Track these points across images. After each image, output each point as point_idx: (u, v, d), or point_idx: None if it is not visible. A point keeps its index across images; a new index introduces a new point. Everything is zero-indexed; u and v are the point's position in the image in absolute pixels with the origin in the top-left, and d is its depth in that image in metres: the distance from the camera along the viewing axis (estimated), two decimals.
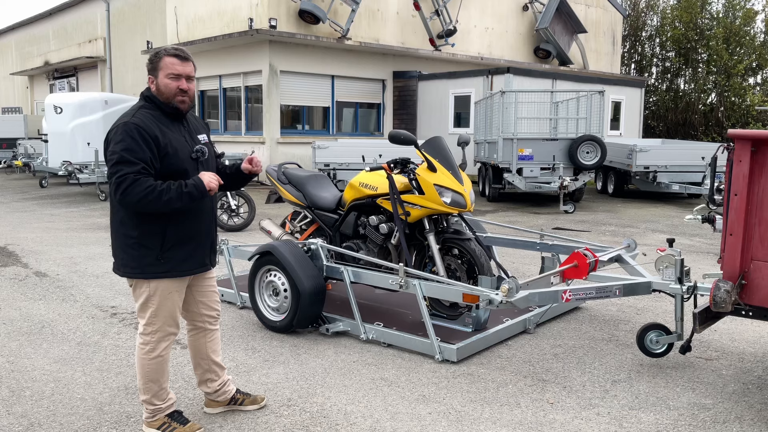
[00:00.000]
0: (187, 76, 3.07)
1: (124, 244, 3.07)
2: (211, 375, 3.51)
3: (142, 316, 3.18)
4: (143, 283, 3.11)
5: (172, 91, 3.04)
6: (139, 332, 3.22)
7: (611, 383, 3.98)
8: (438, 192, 4.68)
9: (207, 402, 3.58)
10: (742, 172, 3.21)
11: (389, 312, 5.21)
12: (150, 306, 3.13)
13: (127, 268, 3.09)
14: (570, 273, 4.59)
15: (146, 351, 3.18)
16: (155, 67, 3.05)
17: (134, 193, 2.88)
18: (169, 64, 3.02)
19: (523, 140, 12.63)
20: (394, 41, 18.72)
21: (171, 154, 3.01)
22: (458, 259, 4.85)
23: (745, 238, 3.27)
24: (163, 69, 3.02)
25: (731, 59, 25.93)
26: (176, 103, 3.06)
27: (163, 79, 3.03)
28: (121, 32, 24.02)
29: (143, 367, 3.21)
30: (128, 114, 3.03)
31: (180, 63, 3.04)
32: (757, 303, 3.32)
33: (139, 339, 3.21)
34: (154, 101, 3.08)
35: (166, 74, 3.02)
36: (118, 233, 3.10)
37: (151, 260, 3.05)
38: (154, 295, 3.11)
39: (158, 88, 3.05)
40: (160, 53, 3.07)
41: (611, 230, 10.07)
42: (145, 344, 3.19)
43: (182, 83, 3.05)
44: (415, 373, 4.11)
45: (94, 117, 15.87)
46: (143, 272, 3.07)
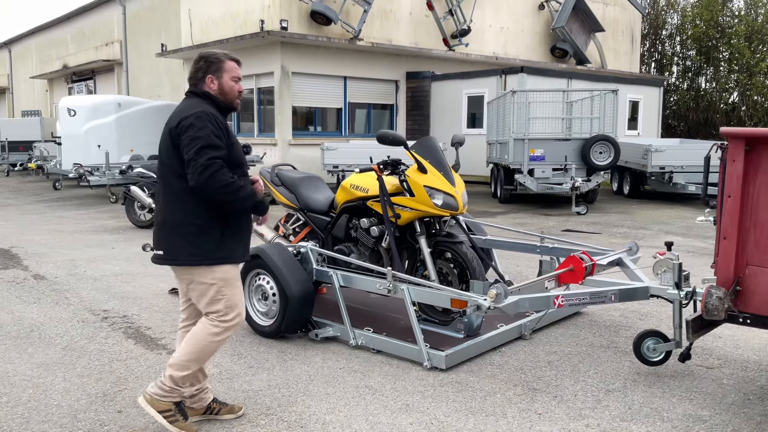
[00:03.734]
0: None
1: (186, 232, 3.12)
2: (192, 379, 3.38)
3: (212, 310, 3.22)
4: (207, 275, 3.16)
5: (235, 93, 3.28)
6: (212, 317, 3.22)
7: (605, 393, 3.82)
8: (428, 194, 4.55)
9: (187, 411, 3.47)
10: (735, 173, 3.04)
11: (381, 317, 5.09)
12: (221, 298, 3.20)
13: (188, 257, 3.14)
14: (566, 277, 4.43)
15: (213, 333, 3.22)
16: (219, 68, 3.23)
17: (219, 180, 3.03)
18: (233, 67, 3.26)
19: (535, 140, 12.42)
20: (407, 42, 18.58)
21: (234, 145, 3.22)
22: (450, 263, 4.71)
23: (740, 242, 3.10)
24: (227, 71, 3.24)
25: (753, 57, 25.41)
26: (235, 103, 3.31)
27: (228, 81, 3.24)
28: (137, 35, 24.19)
29: (198, 343, 3.21)
30: (192, 107, 3.14)
31: (239, 68, 3.31)
32: (753, 310, 3.14)
33: (207, 322, 3.23)
34: (211, 99, 3.23)
35: (231, 77, 3.25)
36: (180, 222, 3.14)
37: (211, 247, 3.15)
38: (224, 286, 3.19)
39: (221, 89, 3.24)
40: (219, 56, 3.26)
41: (623, 232, 9.84)
42: (215, 327, 3.22)
43: (240, 86, 3.32)
44: (402, 381, 3.98)
45: (108, 120, 15.97)
46: (206, 258, 3.14)
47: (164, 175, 3.20)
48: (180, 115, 3.13)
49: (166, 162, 3.18)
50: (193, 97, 3.24)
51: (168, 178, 3.17)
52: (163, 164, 3.21)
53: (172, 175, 3.14)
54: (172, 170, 3.14)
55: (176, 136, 3.10)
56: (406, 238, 4.84)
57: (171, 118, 3.17)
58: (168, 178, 3.17)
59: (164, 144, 3.18)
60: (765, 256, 3.05)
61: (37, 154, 18.84)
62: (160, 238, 3.22)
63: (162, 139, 3.21)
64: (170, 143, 3.13)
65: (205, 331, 3.22)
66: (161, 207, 3.23)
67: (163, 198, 3.22)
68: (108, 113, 16.02)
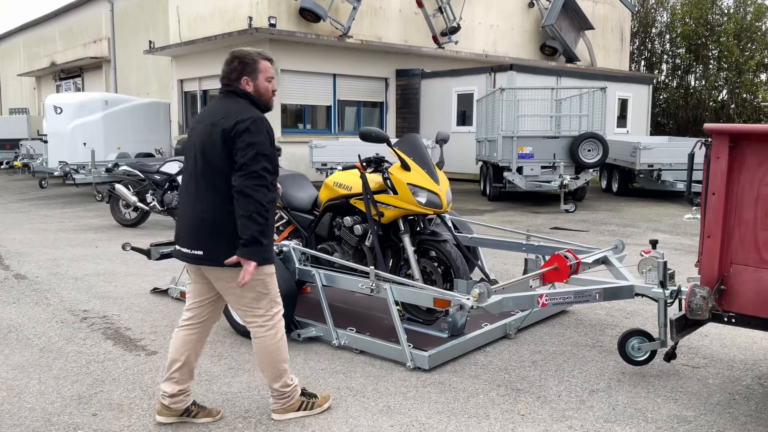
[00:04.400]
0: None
1: (232, 235, 3.07)
2: (180, 376, 3.35)
3: (257, 306, 3.23)
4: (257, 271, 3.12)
5: (269, 93, 3.27)
6: (260, 323, 3.25)
7: (589, 393, 3.77)
8: (412, 191, 4.49)
9: (160, 408, 3.39)
10: (719, 170, 2.99)
11: (365, 316, 5.03)
12: (266, 293, 3.22)
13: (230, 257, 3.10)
14: (550, 276, 4.38)
15: (273, 335, 3.26)
16: (254, 69, 3.20)
17: (263, 195, 3.04)
18: (267, 67, 3.23)
19: (523, 138, 12.39)
20: (396, 39, 18.51)
21: (275, 152, 3.20)
22: (434, 262, 4.65)
23: (724, 240, 3.05)
24: (263, 72, 3.21)
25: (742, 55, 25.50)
26: (270, 103, 3.30)
27: (263, 81, 3.22)
28: (125, 32, 23.99)
29: (275, 353, 3.27)
30: (244, 110, 3.11)
31: (272, 67, 3.28)
32: (737, 309, 3.10)
33: (261, 330, 3.26)
34: (252, 100, 3.21)
35: (266, 77, 3.23)
36: (226, 224, 3.09)
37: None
38: (267, 281, 3.21)
39: (258, 90, 3.22)
40: (253, 56, 3.22)
41: (611, 230, 9.82)
42: (270, 329, 3.26)
43: (274, 85, 3.29)
44: (384, 382, 3.92)
45: (94, 117, 15.82)
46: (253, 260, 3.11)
47: (207, 174, 3.12)
48: (235, 117, 3.08)
49: (212, 162, 3.11)
50: (235, 97, 3.21)
51: (211, 178, 3.11)
52: (207, 164, 3.12)
53: (218, 175, 3.09)
54: (219, 170, 3.09)
55: (230, 139, 3.06)
56: (390, 236, 4.77)
57: (221, 119, 3.10)
58: (211, 178, 3.11)
59: (211, 143, 3.10)
60: (750, 254, 3.01)
61: (23, 152, 18.64)
62: (199, 239, 3.15)
63: (206, 137, 3.13)
64: (222, 144, 3.07)
65: (268, 341, 3.26)
66: (201, 207, 3.14)
67: (203, 198, 3.14)
68: (95, 111, 15.87)
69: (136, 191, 9.65)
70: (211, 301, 3.40)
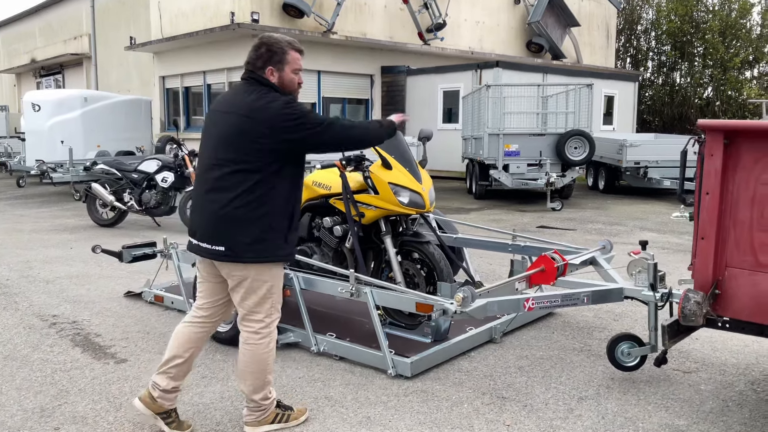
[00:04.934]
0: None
1: (256, 229, 2.96)
2: (178, 372, 3.21)
3: (257, 311, 3.09)
4: (265, 273, 3.03)
5: (294, 85, 3.10)
6: (256, 329, 3.10)
7: (577, 401, 3.62)
8: (393, 191, 4.31)
9: (144, 396, 3.20)
10: (714, 168, 2.84)
11: (346, 320, 4.85)
12: (270, 296, 3.09)
13: (253, 254, 2.98)
14: (537, 278, 4.22)
15: (266, 344, 3.12)
16: (281, 59, 3.03)
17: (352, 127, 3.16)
18: (296, 59, 3.06)
19: (510, 135, 12.25)
20: (381, 35, 18.32)
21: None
22: (417, 264, 4.48)
23: (719, 242, 2.90)
24: (290, 63, 3.04)
25: (727, 52, 25.55)
26: (295, 96, 3.11)
27: (289, 73, 3.06)
28: (105, 28, 23.60)
29: (263, 363, 3.12)
30: (266, 97, 2.97)
31: (301, 58, 3.11)
32: (732, 315, 2.95)
33: (255, 337, 3.11)
34: (274, 89, 3.04)
35: (292, 69, 3.06)
36: (248, 219, 2.96)
37: (280, 243, 3.03)
38: (275, 284, 3.10)
39: (282, 81, 3.05)
40: (282, 45, 3.04)
41: (598, 228, 9.70)
42: (264, 338, 3.11)
43: (300, 78, 3.13)
44: (364, 391, 3.74)
45: (73, 115, 15.48)
46: (274, 255, 3.02)
47: (232, 168, 2.97)
48: (271, 108, 2.94)
49: (240, 153, 2.96)
50: (259, 86, 3.03)
51: (238, 170, 2.95)
52: (235, 154, 2.97)
53: (246, 168, 2.94)
54: (248, 162, 2.95)
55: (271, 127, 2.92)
56: (371, 237, 4.59)
57: (251, 112, 2.95)
58: (238, 170, 2.95)
59: (239, 138, 2.96)
60: (745, 257, 2.86)
61: (0, 150, 18.27)
62: (221, 234, 2.99)
63: (232, 132, 2.98)
64: (256, 138, 2.93)
65: (258, 349, 3.11)
66: (222, 200, 2.98)
67: (227, 189, 2.97)
68: (73, 108, 15.53)
69: (113, 190, 9.41)
70: (226, 301, 3.26)
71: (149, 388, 3.22)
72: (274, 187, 2.98)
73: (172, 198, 9.28)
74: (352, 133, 3.18)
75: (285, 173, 3.02)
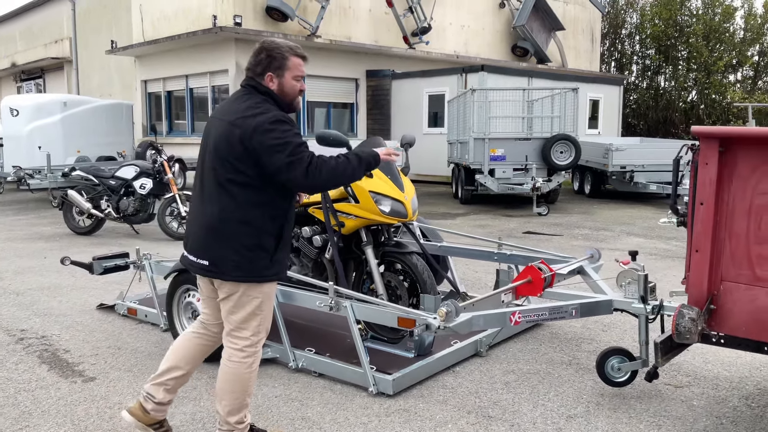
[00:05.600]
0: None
1: (241, 247, 2.84)
2: (176, 384, 3.13)
3: (244, 327, 2.94)
4: (255, 290, 2.91)
5: (295, 93, 2.98)
6: (241, 346, 2.95)
7: (566, 419, 3.46)
8: (374, 200, 4.14)
9: (135, 409, 3.10)
10: (708, 177, 2.70)
11: (326, 334, 4.67)
12: (259, 313, 2.95)
13: (238, 272, 2.87)
14: (523, 290, 4.08)
15: (249, 364, 2.97)
16: (281, 65, 2.92)
17: (325, 169, 2.85)
18: (297, 65, 2.94)
19: (495, 140, 12.13)
20: (366, 39, 18.17)
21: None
22: (400, 275, 4.32)
23: (714, 255, 2.76)
24: (291, 69, 2.93)
25: (711, 56, 25.65)
26: (296, 102, 3.01)
27: (290, 80, 2.94)
28: (86, 32, 23.28)
29: (244, 383, 2.97)
30: (256, 108, 2.84)
31: (303, 64, 2.98)
32: (728, 331, 2.81)
33: (238, 354, 2.96)
34: (273, 98, 2.92)
35: (293, 75, 2.94)
36: (235, 234, 2.85)
37: (265, 263, 2.90)
38: (266, 301, 2.96)
39: (282, 88, 2.94)
40: (283, 51, 2.93)
41: (584, 234, 9.58)
42: (248, 357, 2.96)
43: (302, 85, 3.01)
44: (343, 411, 3.57)
45: (52, 119, 15.20)
46: (260, 275, 2.90)
47: (221, 180, 2.85)
48: (255, 120, 2.79)
49: (226, 163, 2.83)
50: (255, 94, 2.91)
51: (226, 184, 2.84)
52: (221, 164, 2.85)
53: (232, 183, 2.82)
54: (233, 173, 2.82)
55: (249, 141, 2.77)
56: (352, 248, 4.42)
57: (238, 120, 2.81)
58: (226, 184, 2.84)
59: (228, 143, 2.82)
60: (742, 270, 2.72)
61: None
62: (207, 248, 2.90)
63: (222, 136, 2.85)
64: (241, 150, 2.79)
65: (240, 368, 2.96)
66: (210, 212, 2.87)
67: (213, 201, 2.87)
68: (53, 113, 15.24)
69: (90, 197, 9.16)
70: None
71: (141, 400, 3.11)
72: (261, 203, 2.85)
73: (151, 205, 9.06)
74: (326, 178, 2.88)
75: (272, 190, 2.87)
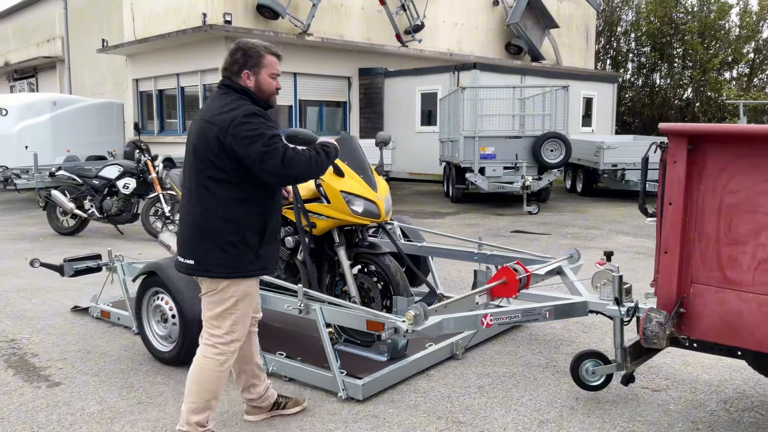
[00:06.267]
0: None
1: (225, 243, 2.88)
2: (254, 380, 3.35)
3: (218, 325, 2.98)
4: (233, 287, 2.93)
5: (272, 90, 3.04)
6: (214, 343, 2.98)
7: (538, 425, 3.37)
8: (346, 200, 4.05)
9: (248, 409, 3.42)
10: (677, 176, 2.60)
11: (300, 337, 4.58)
12: (234, 312, 2.97)
13: (223, 269, 2.90)
14: (499, 291, 3.98)
15: (221, 362, 2.98)
16: (257, 63, 2.98)
17: (299, 161, 2.89)
18: (273, 62, 3.02)
19: (485, 138, 12.04)
20: (359, 37, 18.06)
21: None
22: (373, 277, 4.22)
23: (683, 256, 2.67)
24: (266, 67, 3.00)
25: (706, 53, 25.57)
26: (272, 100, 3.06)
27: (266, 77, 3.01)
28: (78, 31, 23.15)
29: (211, 381, 2.99)
30: (231, 104, 2.89)
31: (278, 63, 3.06)
32: (699, 336, 2.72)
33: (211, 351, 2.98)
34: (250, 95, 2.97)
35: (269, 73, 3.01)
36: (218, 232, 2.88)
37: (250, 258, 2.93)
38: (242, 300, 2.97)
39: (259, 85, 2.99)
40: (258, 49, 3.00)
41: (573, 233, 9.49)
42: (221, 355, 2.98)
43: (278, 83, 3.07)
44: (310, 417, 3.47)
45: (42, 119, 15.14)
46: (244, 270, 2.93)
47: (202, 179, 2.89)
48: (229, 115, 2.84)
49: (204, 162, 2.87)
50: (231, 93, 2.97)
51: (206, 183, 2.88)
52: (200, 164, 2.89)
53: (212, 180, 2.87)
54: (211, 171, 2.86)
55: (224, 136, 2.81)
56: (325, 249, 4.33)
57: (213, 118, 2.86)
58: (206, 183, 2.88)
59: (205, 147, 2.86)
60: (712, 272, 2.63)
61: None
62: (191, 246, 2.94)
63: (199, 141, 2.89)
64: (218, 146, 2.83)
65: (212, 365, 2.98)
66: (194, 212, 2.92)
67: (197, 203, 2.91)
68: (42, 112, 15.18)
69: (74, 197, 9.06)
70: None
71: (247, 405, 3.41)
72: (243, 200, 2.88)
73: (135, 205, 8.96)
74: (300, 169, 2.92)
75: (252, 185, 2.89)
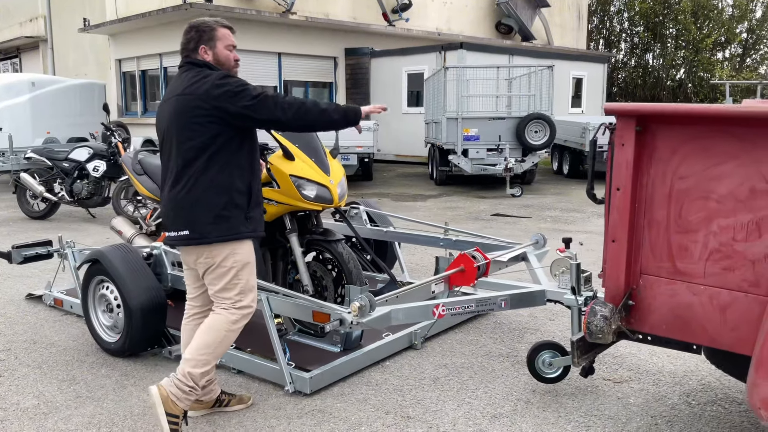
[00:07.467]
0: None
1: (215, 207, 2.91)
2: None
3: (226, 296, 3.00)
4: (231, 258, 2.95)
5: (231, 62, 3.07)
6: (225, 306, 3.01)
7: (489, 420, 3.23)
8: (296, 185, 3.87)
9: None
10: (625, 160, 2.43)
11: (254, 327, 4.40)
12: (238, 282, 3.00)
13: (217, 232, 2.92)
14: (456, 279, 3.83)
15: (233, 321, 3.01)
16: (211, 37, 3.02)
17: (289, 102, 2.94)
18: (226, 35, 3.06)
19: (469, 119, 11.82)
20: (344, 16, 17.74)
21: None
22: (327, 265, 4.06)
23: (632, 246, 2.50)
24: (221, 39, 3.03)
25: (699, 33, 25.30)
26: (234, 73, 3.07)
27: (222, 50, 3.05)
28: (61, 10, 22.70)
29: (217, 335, 2.99)
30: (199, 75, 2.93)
31: (231, 35, 3.10)
32: (649, 330, 2.56)
33: (223, 311, 3.01)
34: (211, 68, 3.00)
35: (225, 45, 3.05)
36: (206, 198, 2.90)
37: (241, 219, 2.97)
38: (242, 269, 3.00)
39: (217, 58, 3.04)
40: (210, 24, 3.04)
41: (554, 216, 9.33)
42: (232, 314, 3.01)
43: (236, 55, 3.11)
44: (253, 413, 3.32)
45: (20, 100, 14.83)
46: (237, 232, 2.96)
47: (182, 151, 2.91)
48: (204, 83, 2.88)
49: (185, 134, 2.90)
50: (195, 68, 3.00)
51: (185, 156, 2.90)
52: (180, 138, 2.91)
53: (194, 150, 2.89)
54: (193, 141, 2.89)
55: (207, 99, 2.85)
56: (276, 236, 4.15)
57: (187, 90, 2.90)
58: (185, 156, 2.90)
59: (183, 119, 2.89)
60: (662, 263, 2.47)
61: None
62: (183, 218, 2.94)
63: (176, 115, 2.92)
64: (198, 114, 2.86)
65: (222, 320, 3.00)
66: (179, 188, 2.93)
67: (179, 179, 2.93)
68: (20, 93, 14.87)
69: (44, 180, 8.85)
70: None
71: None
72: (227, 162, 2.92)
73: (105, 188, 8.76)
74: (296, 112, 2.94)
75: (233, 147, 2.94)
